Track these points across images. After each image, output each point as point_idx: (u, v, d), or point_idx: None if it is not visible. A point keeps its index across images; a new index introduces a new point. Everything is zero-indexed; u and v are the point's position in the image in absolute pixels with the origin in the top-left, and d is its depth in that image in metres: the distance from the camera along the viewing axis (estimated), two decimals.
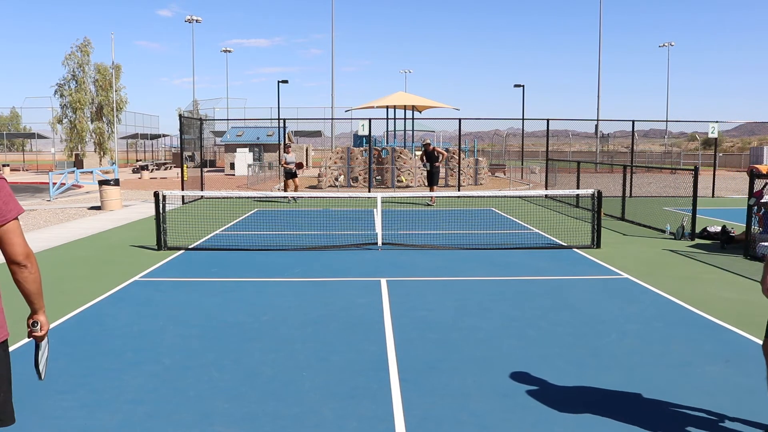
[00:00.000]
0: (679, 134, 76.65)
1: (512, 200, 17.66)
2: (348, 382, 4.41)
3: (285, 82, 36.51)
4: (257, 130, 40.55)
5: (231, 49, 61.20)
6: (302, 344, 5.25)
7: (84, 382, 4.42)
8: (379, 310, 6.29)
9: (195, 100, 54.80)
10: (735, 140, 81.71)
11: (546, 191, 17.26)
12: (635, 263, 8.83)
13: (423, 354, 5.01)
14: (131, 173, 38.40)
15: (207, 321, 5.93)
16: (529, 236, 11.43)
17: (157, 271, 8.33)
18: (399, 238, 10.78)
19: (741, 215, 11.19)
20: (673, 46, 62.68)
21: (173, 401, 4.09)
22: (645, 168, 25.53)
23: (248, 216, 14.68)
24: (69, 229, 12.42)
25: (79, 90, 42.88)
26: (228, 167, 38.34)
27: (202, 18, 54.92)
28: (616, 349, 5.16)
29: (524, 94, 34.11)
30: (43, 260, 9.16)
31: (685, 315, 6.22)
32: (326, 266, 8.58)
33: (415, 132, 31.30)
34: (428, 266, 8.56)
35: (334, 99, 41.33)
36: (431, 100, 28.42)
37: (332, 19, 40.49)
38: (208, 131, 48.65)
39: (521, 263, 8.76)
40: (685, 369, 4.69)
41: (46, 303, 2.69)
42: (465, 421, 3.81)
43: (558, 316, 6.10)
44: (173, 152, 52.17)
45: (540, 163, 33.46)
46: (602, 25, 41.74)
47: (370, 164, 22.17)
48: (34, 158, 57.76)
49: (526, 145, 30.98)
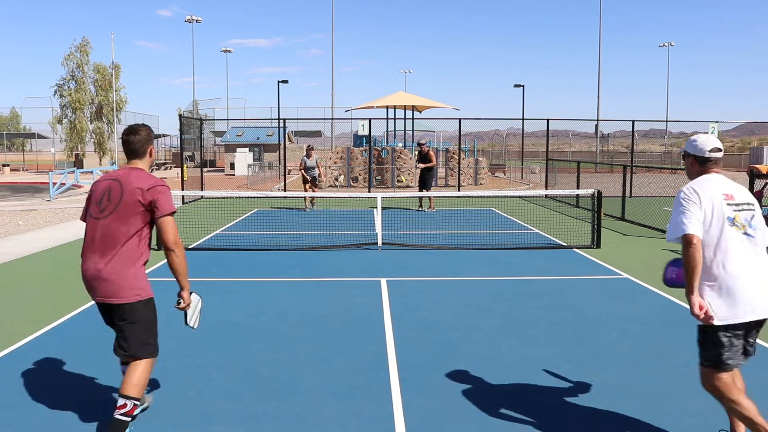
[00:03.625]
0: (679, 134, 76.61)
1: (512, 200, 17.66)
2: (348, 382, 4.41)
3: (285, 82, 36.60)
4: (257, 130, 40.55)
5: (231, 49, 61.24)
6: (302, 344, 5.25)
7: (84, 382, 4.42)
8: (379, 310, 6.29)
9: (195, 100, 54.79)
10: (735, 140, 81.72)
11: (546, 191, 17.26)
12: (635, 263, 8.83)
13: (423, 354, 5.01)
14: None
15: (207, 321, 5.92)
16: (529, 236, 11.43)
17: (157, 271, 8.32)
18: (399, 238, 10.78)
19: None
20: (673, 46, 62.72)
21: (173, 401, 4.09)
22: (645, 168, 25.53)
23: (248, 216, 14.68)
24: (69, 229, 12.41)
25: (79, 90, 42.82)
26: (228, 167, 38.34)
27: (202, 18, 54.93)
28: (616, 349, 5.16)
29: (524, 94, 34.16)
30: (44, 260, 9.16)
31: (685, 315, 6.21)
32: (326, 266, 8.57)
33: (415, 132, 31.31)
34: (428, 266, 8.56)
35: (334, 99, 41.36)
36: (431, 100, 28.44)
37: (332, 19, 40.53)
38: (208, 131, 48.65)
39: (521, 263, 8.76)
40: (685, 369, 4.69)
41: (45, 303, 3.40)
42: (465, 421, 3.81)
43: (558, 316, 6.10)
44: (173, 152, 52.12)
45: (540, 163, 33.46)
46: (602, 26, 41.75)
47: (370, 164, 22.17)
48: (34, 158, 57.70)
49: (526, 145, 30.99)
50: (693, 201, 3.20)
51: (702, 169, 3.37)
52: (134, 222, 3.42)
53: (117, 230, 3.41)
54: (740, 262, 3.15)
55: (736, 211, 3.21)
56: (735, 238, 3.17)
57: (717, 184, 3.27)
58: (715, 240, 3.17)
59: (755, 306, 3.15)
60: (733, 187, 3.29)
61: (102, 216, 3.44)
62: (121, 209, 3.41)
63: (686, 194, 3.24)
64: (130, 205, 3.41)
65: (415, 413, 3.90)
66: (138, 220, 3.43)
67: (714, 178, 3.30)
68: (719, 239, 3.17)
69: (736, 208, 3.22)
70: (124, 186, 3.45)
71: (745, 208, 3.25)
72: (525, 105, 38.91)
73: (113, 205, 3.43)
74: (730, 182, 3.34)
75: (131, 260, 3.43)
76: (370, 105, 28.01)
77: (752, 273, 3.16)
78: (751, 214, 3.25)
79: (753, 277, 3.16)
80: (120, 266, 3.40)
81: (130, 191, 3.42)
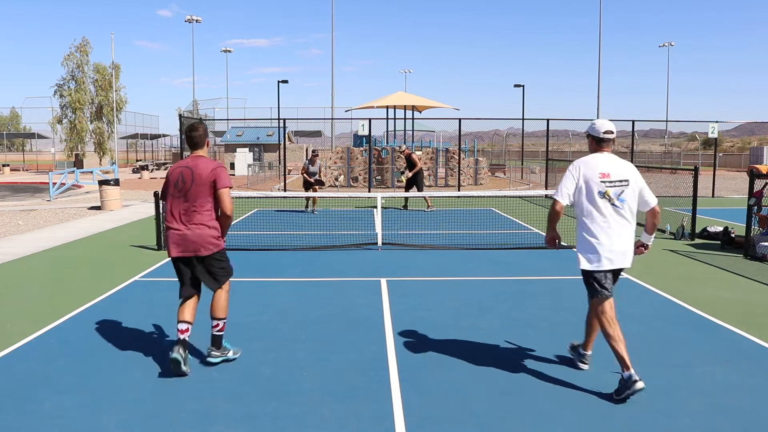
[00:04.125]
0: (679, 134, 76.66)
1: (512, 200, 17.66)
2: (348, 382, 4.41)
3: (285, 82, 36.58)
4: (257, 130, 40.56)
5: (231, 49, 61.25)
6: (302, 344, 5.25)
7: (84, 382, 4.42)
8: (379, 310, 6.29)
9: (195, 100, 54.79)
10: (735, 140, 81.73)
11: (546, 191, 17.20)
12: (635, 263, 8.79)
13: (423, 354, 5.01)
14: (131, 173, 38.41)
15: (207, 321, 5.92)
16: (529, 236, 11.43)
17: (157, 271, 8.33)
18: (399, 238, 10.78)
19: (741, 215, 11.19)
20: (673, 46, 62.73)
21: (173, 401, 4.09)
22: (645, 168, 25.52)
23: (248, 216, 14.68)
24: (69, 229, 12.42)
25: (79, 90, 42.82)
26: (228, 167, 38.36)
27: (202, 18, 54.91)
28: None
29: (524, 94, 34.14)
30: (43, 260, 9.16)
31: (685, 315, 6.22)
32: (326, 266, 8.57)
33: (415, 132, 31.31)
34: (428, 266, 8.56)
35: (334, 99, 41.32)
36: (431, 100, 28.45)
37: (332, 19, 40.50)
38: (208, 131, 48.61)
39: (521, 263, 8.76)
40: (685, 369, 4.69)
41: (45, 303, 3.82)
42: (465, 421, 3.81)
43: (558, 316, 6.10)
44: (173, 152, 52.15)
45: (540, 163, 33.47)
46: (602, 26, 41.70)
47: (370, 164, 22.17)
48: (34, 158, 57.73)
49: (526, 145, 30.99)
50: (573, 174, 4.19)
51: (597, 147, 4.27)
52: (205, 195, 4.52)
53: (194, 203, 4.52)
54: (603, 226, 4.13)
55: (608, 186, 4.11)
56: (603, 208, 4.12)
57: (599, 162, 4.17)
58: (586, 207, 4.16)
59: (612, 258, 4.17)
60: (612, 167, 4.16)
61: (180, 194, 4.54)
62: (194, 188, 4.50)
63: (571, 168, 4.23)
64: (200, 183, 4.50)
65: (415, 413, 3.90)
66: (208, 194, 4.53)
67: (600, 157, 4.21)
68: (589, 207, 4.14)
69: (609, 184, 4.11)
70: (194, 170, 4.53)
71: (617, 185, 4.12)
72: (525, 105, 38.90)
73: (188, 185, 4.51)
74: (614, 162, 4.19)
75: (207, 224, 4.54)
76: (370, 105, 28.01)
77: (611, 235, 4.13)
78: (622, 190, 4.12)
79: (612, 238, 4.13)
80: (200, 230, 4.52)
81: (198, 174, 4.51)
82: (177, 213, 4.55)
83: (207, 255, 4.59)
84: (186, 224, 4.53)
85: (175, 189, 4.58)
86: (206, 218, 4.55)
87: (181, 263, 4.66)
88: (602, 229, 4.12)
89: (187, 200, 4.53)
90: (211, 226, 4.57)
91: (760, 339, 5.39)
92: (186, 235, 4.52)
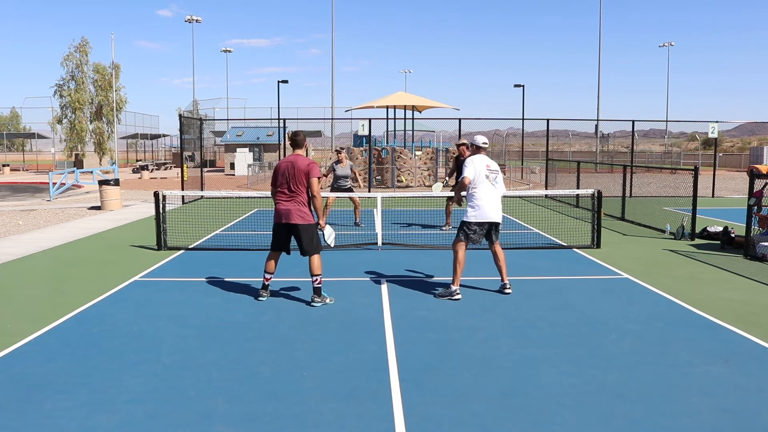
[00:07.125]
0: (679, 134, 76.61)
1: (512, 200, 17.65)
2: (348, 382, 4.41)
3: (285, 82, 36.54)
4: (257, 130, 40.55)
5: (231, 49, 61.24)
6: (302, 344, 5.25)
7: (84, 382, 4.42)
8: (379, 310, 6.29)
9: (195, 100, 54.76)
10: (735, 140, 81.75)
11: (546, 191, 17.22)
12: (635, 263, 8.83)
13: (423, 354, 5.01)
14: (131, 173, 38.41)
15: (207, 321, 5.93)
16: (529, 236, 11.43)
17: (157, 271, 8.33)
18: (399, 238, 10.78)
19: (741, 215, 11.20)
20: (673, 46, 62.73)
21: (173, 401, 4.09)
22: (645, 168, 25.52)
23: (248, 216, 14.68)
24: (69, 229, 12.42)
25: (79, 90, 42.81)
26: (228, 167, 38.34)
27: (202, 18, 54.94)
28: (616, 349, 5.16)
29: (524, 94, 34.11)
30: (43, 260, 9.16)
31: (685, 315, 6.22)
32: (326, 266, 8.54)
33: (415, 132, 31.30)
34: (428, 266, 8.56)
35: (334, 99, 41.34)
36: (431, 100, 28.42)
37: (332, 19, 40.50)
38: (208, 131, 48.64)
39: (521, 263, 8.76)
40: (685, 369, 4.69)
41: (45, 303, 3.97)
42: (465, 421, 3.81)
43: (558, 316, 6.10)
44: (173, 152, 52.13)
45: (540, 163, 33.47)
46: (602, 25, 41.73)
47: (370, 164, 22.17)
48: (34, 158, 57.73)
49: (526, 145, 30.96)
50: (471, 165, 6.71)
51: (478, 151, 6.95)
52: (302, 182, 6.35)
53: (296, 187, 6.35)
54: (485, 195, 6.69)
55: (489, 173, 6.76)
56: (486, 185, 6.71)
57: (482, 159, 6.81)
58: (478, 183, 6.69)
59: (489, 215, 6.69)
60: (491, 163, 6.86)
61: (285, 181, 6.38)
62: (295, 177, 6.33)
63: (467, 162, 6.75)
64: (299, 174, 6.33)
65: (415, 413, 3.90)
66: (304, 181, 6.34)
67: (481, 157, 6.86)
68: (480, 184, 6.69)
69: (489, 172, 6.76)
70: (295, 164, 6.35)
71: (494, 173, 6.81)
72: (525, 105, 38.90)
73: (291, 175, 6.35)
74: (489, 160, 6.87)
75: (304, 203, 6.39)
76: (370, 105, 28.00)
77: (489, 201, 6.69)
78: (495, 176, 6.81)
79: (489, 203, 6.69)
80: (299, 207, 6.37)
81: (298, 167, 6.33)
82: (286, 193, 6.37)
83: (298, 224, 6.32)
84: (289, 201, 6.36)
85: (282, 177, 6.40)
86: (303, 199, 6.37)
87: (281, 228, 6.43)
88: (483, 196, 6.69)
89: (289, 185, 6.34)
90: (306, 204, 6.39)
91: (760, 339, 5.39)
92: (290, 210, 6.34)
